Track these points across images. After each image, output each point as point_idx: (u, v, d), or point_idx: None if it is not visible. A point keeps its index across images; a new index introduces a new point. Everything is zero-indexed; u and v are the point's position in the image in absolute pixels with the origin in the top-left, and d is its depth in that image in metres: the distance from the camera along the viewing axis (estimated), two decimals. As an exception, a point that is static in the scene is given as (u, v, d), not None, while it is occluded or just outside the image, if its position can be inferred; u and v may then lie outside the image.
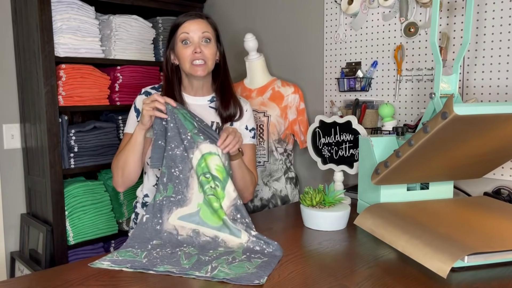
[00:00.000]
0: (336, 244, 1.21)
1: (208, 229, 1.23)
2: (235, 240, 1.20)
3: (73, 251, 2.01)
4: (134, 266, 1.07)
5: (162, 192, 1.27)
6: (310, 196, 1.36)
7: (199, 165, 1.27)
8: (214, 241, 1.21)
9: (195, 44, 1.38)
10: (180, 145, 1.28)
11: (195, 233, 1.23)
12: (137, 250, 1.17)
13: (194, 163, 1.27)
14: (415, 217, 1.19)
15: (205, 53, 1.39)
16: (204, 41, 1.40)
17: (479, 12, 1.49)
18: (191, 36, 1.39)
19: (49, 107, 1.87)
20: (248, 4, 2.27)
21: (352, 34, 1.84)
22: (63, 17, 1.90)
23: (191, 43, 1.39)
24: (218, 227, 1.23)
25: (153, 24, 2.25)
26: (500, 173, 1.48)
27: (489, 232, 1.08)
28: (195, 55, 1.38)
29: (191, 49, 1.38)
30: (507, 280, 0.96)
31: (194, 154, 1.27)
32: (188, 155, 1.27)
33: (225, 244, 1.20)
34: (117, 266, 1.07)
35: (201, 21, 1.42)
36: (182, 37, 1.39)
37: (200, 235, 1.22)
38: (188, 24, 1.40)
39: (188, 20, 1.41)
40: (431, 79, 1.62)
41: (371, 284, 0.95)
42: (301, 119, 1.94)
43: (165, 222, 1.25)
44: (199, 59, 1.38)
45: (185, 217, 1.25)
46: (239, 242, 1.20)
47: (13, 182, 2.11)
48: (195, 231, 1.23)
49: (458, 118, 1.00)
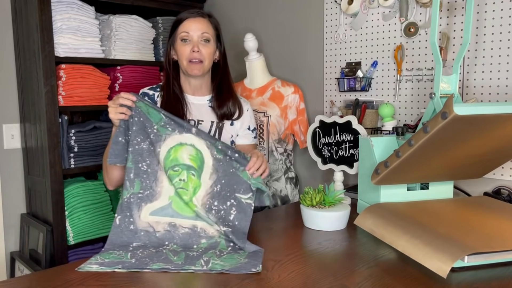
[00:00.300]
0: (336, 244, 1.21)
1: (184, 220, 1.22)
2: (212, 227, 1.21)
3: (73, 251, 2.01)
4: (125, 267, 1.05)
5: (129, 189, 1.24)
6: (310, 196, 1.36)
7: (166, 158, 1.24)
8: (194, 231, 1.21)
9: (193, 43, 1.40)
10: (146, 139, 1.26)
11: (172, 226, 1.21)
12: (120, 251, 1.15)
13: (161, 157, 1.25)
14: (415, 217, 1.19)
15: (203, 53, 1.40)
16: (203, 41, 1.41)
17: (479, 12, 1.49)
18: (191, 35, 1.40)
19: (49, 107, 1.87)
20: (248, 4, 2.27)
21: (352, 34, 1.84)
22: (63, 17, 1.90)
23: (190, 41, 1.41)
24: (194, 216, 1.22)
25: (153, 24, 2.25)
26: (500, 173, 1.48)
27: (489, 232, 1.08)
28: (193, 54, 1.39)
29: (189, 47, 1.40)
30: (507, 280, 0.96)
31: (161, 148, 1.25)
32: (155, 149, 1.25)
33: (205, 233, 1.21)
34: (108, 268, 1.05)
35: (202, 20, 1.43)
36: (182, 35, 1.41)
37: (177, 228, 1.21)
38: (189, 23, 1.41)
39: (189, 18, 1.42)
40: (431, 79, 1.62)
41: (371, 284, 0.95)
42: (301, 119, 1.94)
43: (137, 221, 1.22)
44: (196, 58, 1.40)
45: (157, 211, 1.23)
46: (217, 229, 1.21)
47: (13, 182, 2.11)
48: (171, 224, 1.21)
49: (458, 118, 1.00)
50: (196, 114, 1.45)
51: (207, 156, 1.27)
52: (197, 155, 1.27)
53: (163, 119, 1.27)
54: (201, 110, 1.47)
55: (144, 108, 1.27)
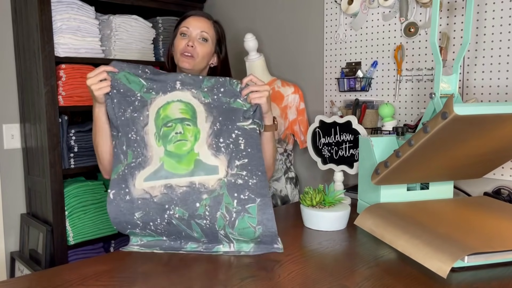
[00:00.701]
0: (336, 244, 1.21)
1: (179, 179, 1.18)
2: (212, 178, 1.17)
3: (73, 251, 2.01)
4: (163, 248, 1.15)
5: (123, 161, 1.20)
6: (310, 196, 1.36)
7: (157, 118, 1.22)
8: (192, 188, 1.16)
9: (190, 38, 1.42)
10: (128, 107, 1.23)
11: (168, 188, 1.17)
12: (139, 231, 1.17)
13: (151, 119, 1.22)
14: (415, 217, 1.19)
15: (197, 50, 1.42)
16: (201, 39, 1.43)
17: (479, 12, 1.49)
18: (190, 30, 1.42)
19: (49, 107, 1.87)
20: (248, 4, 2.27)
21: (352, 34, 1.84)
22: (63, 17, 1.90)
23: (188, 36, 1.43)
24: (189, 172, 1.18)
25: (153, 24, 2.25)
26: (500, 173, 1.48)
27: (489, 232, 1.08)
28: (186, 47, 1.41)
29: (185, 41, 1.42)
30: (507, 280, 0.96)
31: (149, 111, 1.23)
32: (141, 114, 1.22)
33: (205, 188, 1.16)
34: (147, 249, 1.16)
35: (205, 20, 1.45)
36: (182, 30, 1.43)
37: (174, 188, 1.17)
38: (191, 19, 1.44)
39: (193, 15, 1.45)
40: (431, 79, 1.62)
41: (371, 284, 0.95)
42: (301, 119, 1.94)
43: (132, 190, 1.17)
44: (189, 52, 1.41)
45: (150, 176, 1.18)
46: (218, 178, 1.17)
47: (13, 182, 2.11)
48: (167, 186, 1.17)
49: (458, 118, 1.00)
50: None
51: (196, 105, 1.25)
52: (187, 106, 1.24)
53: (144, 86, 1.24)
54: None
55: (123, 79, 1.24)
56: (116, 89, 1.24)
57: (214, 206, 1.14)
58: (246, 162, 1.18)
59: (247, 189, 1.16)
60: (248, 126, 1.23)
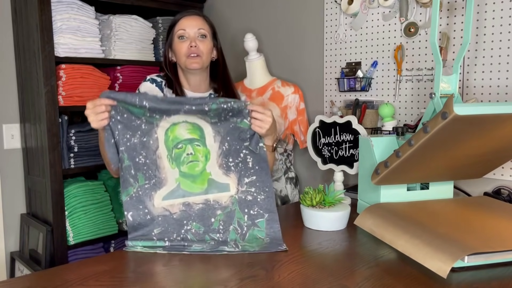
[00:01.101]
0: (336, 244, 1.21)
1: (196, 197, 1.26)
2: (224, 195, 1.27)
3: (73, 251, 2.01)
4: (166, 249, 1.17)
5: (134, 184, 1.24)
6: (310, 196, 1.36)
7: (166, 141, 1.26)
8: (207, 205, 1.25)
9: (191, 39, 1.43)
10: (136, 133, 1.24)
11: (186, 205, 1.25)
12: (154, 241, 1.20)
13: (160, 141, 1.25)
14: (415, 217, 1.19)
15: (200, 48, 1.43)
16: (200, 37, 1.44)
17: (479, 12, 1.49)
18: (188, 32, 1.43)
19: (49, 107, 1.87)
20: (248, 4, 2.26)
21: (352, 34, 1.84)
22: (63, 17, 1.90)
23: (187, 38, 1.43)
24: (204, 191, 1.26)
25: (153, 24, 2.25)
26: (500, 173, 1.48)
27: (489, 232, 1.08)
28: (190, 49, 1.42)
29: (187, 44, 1.43)
30: (507, 280, 0.96)
31: (157, 133, 1.25)
32: (150, 138, 1.25)
33: (219, 205, 1.26)
34: (151, 250, 1.17)
35: (197, 17, 1.47)
36: (179, 33, 1.44)
37: (191, 206, 1.25)
38: (185, 21, 1.45)
39: (184, 16, 1.46)
40: (431, 79, 1.62)
41: (371, 284, 0.95)
42: (301, 119, 1.93)
43: (152, 209, 1.23)
44: (194, 53, 1.42)
45: (168, 195, 1.25)
46: (229, 195, 1.27)
47: (13, 182, 2.11)
48: (185, 203, 1.25)
49: (458, 118, 1.00)
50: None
51: (203, 125, 1.28)
52: (194, 126, 1.27)
53: (146, 111, 1.23)
54: None
55: (124, 105, 1.23)
56: (119, 116, 1.23)
57: (228, 221, 1.24)
58: (255, 179, 1.28)
59: (256, 205, 1.26)
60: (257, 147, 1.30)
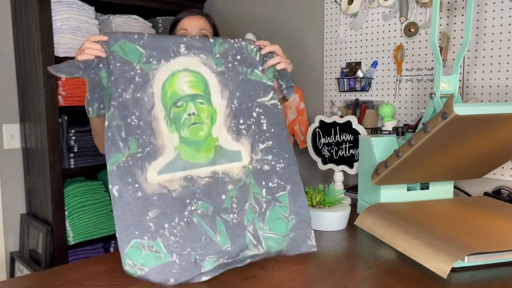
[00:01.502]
0: (336, 244, 1.21)
1: (201, 169, 1.02)
2: (236, 166, 1.04)
3: (73, 251, 2.01)
4: (178, 279, 0.91)
5: (123, 151, 0.97)
6: (310, 196, 1.36)
7: (164, 97, 1.03)
8: (215, 179, 1.02)
9: None
10: (129, 87, 1.02)
11: (188, 180, 1.01)
12: (147, 240, 0.93)
13: (156, 97, 1.02)
14: (415, 217, 1.19)
15: None
16: None
17: (479, 12, 1.49)
18: (189, 32, 1.43)
19: (49, 107, 1.87)
20: (248, 4, 2.27)
21: (352, 34, 1.84)
22: (63, 17, 1.90)
23: None
24: (211, 161, 1.03)
25: (153, 24, 2.25)
26: (500, 173, 1.48)
27: (489, 232, 1.08)
28: None
29: None
30: (507, 280, 0.96)
31: (153, 87, 1.03)
32: (145, 94, 1.02)
33: (229, 177, 1.03)
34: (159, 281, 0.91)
35: (200, 17, 1.46)
36: (180, 32, 1.44)
37: (195, 180, 1.01)
38: (187, 20, 1.45)
39: (187, 16, 1.46)
40: (431, 79, 1.62)
41: (371, 284, 0.95)
42: (301, 119, 1.93)
43: (144, 185, 0.97)
44: None
45: (166, 168, 1.00)
46: (242, 165, 1.04)
47: (13, 182, 2.11)
48: (187, 178, 1.01)
49: (458, 118, 1.00)
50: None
51: (208, 75, 1.08)
52: (197, 77, 1.07)
53: (143, 55, 1.04)
54: None
55: (119, 51, 1.03)
56: (111, 64, 1.03)
57: (242, 197, 1.02)
58: (271, 145, 1.06)
59: (275, 176, 1.04)
60: (269, 102, 1.08)
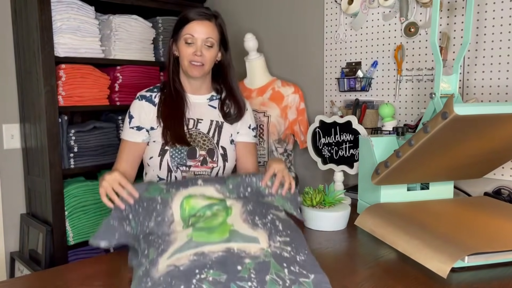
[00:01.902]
0: (336, 244, 1.21)
1: (214, 245, 0.95)
2: (253, 246, 0.95)
3: (73, 251, 2.01)
4: None
5: (144, 263, 0.96)
6: (310, 196, 1.36)
7: (183, 214, 1.07)
8: (231, 253, 0.92)
9: (197, 47, 1.40)
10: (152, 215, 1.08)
11: (199, 255, 0.92)
12: None
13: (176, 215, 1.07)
14: (415, 217, 1.19)
15: (206, 57, 1.41)
16: (206, 46, 1.41)
17: (479, 12, 1.49)
18: (195, 38, 1.40)
19: (49, 107, 1.87)
20: (248, 4, 2.26)
21: (352, 34, 1.84)
22: (63, 17, 1.90)
23: (193, 44, 1.40)
24: (226, 239, 0.96)
25: (153, 24, 2.25)
26: (500, 173, 1.48)
27: (489, 232, 1.08)
28: (195, 56, 1.39)
29: (192, 50, 1.40)
30: (507, 280, 0.96)
31: (172, 208, 1.08)
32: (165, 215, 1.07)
33: (246, 253, 0.93)
34: None
35: (208, 24, 1.42)
36: (186, 37, 1.40)
37: (207, 254, 0.92)
38: (195, 25, 1.40)
39: (196, 20, 1.40)
40: (431, 79, 1.62)
41: (371, 284, 0.95)
42: (301, 119, 1.93)
43: (154, 274, 0.90)
44: (198, 61, 1.40)
45: (176, 251, 0.95)
46: (260, 247, 0.95)
47: (13, 182, 2.11)
48: (197, 253, 0.92)
49: (458, 118, 1.00)
50: (196, 113, 1.46)
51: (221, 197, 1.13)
52: (211, 198, 1.12)
53: (164, 189, 1.13)
54: (201, 109, 1.47)
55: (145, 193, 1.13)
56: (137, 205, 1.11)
57: (262, 270, 0.89)
58: (289, 241, 0.99)
59: (297, 264, 0.93)
60: (283, 216, 1.08)
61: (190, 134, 1.42)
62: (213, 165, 1.43)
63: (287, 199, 1.18)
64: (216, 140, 1.45)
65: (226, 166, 1.45)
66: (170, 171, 1.40)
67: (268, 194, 1.16)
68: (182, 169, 1.40)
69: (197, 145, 1.42)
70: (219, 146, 1.44)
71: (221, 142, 1.45)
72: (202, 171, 1.42)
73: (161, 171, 1.41)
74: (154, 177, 1.44)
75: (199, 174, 1.42)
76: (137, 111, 1.43)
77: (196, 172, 1.41)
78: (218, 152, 1.44)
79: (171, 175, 1.41)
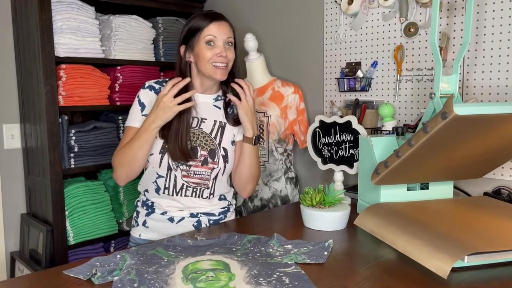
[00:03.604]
0: (336, 244, 1.21)
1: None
2: None
3: (73, 251, 2.01)
4: None
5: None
6: (310, 196, 1.36)
7: (185, 269, 1.05)
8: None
9: (220, 48, 1.39)
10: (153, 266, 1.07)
11: None
12: None
13: (178, 269, 1.05)
14: (415, 217, 1.19)
15: (229, 57, 1.41)
16: (228, 45, 1.42)
17: (479, 12, 1.49)
18: (218, 39, 1.39)
19: (49, 107, 1.87)
20: (248, 4, 2.27)
21: (352, 34, 1.84)
22: (63, 17, 1.90)
23: (216, 45, 1.39)
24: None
25: (153, 24, 2.25)
26: (500, 173, 1.48)
27: (489, 232, 1.08)
28: (219, 58, 1.39)
29: (215, 51, 1.39)
30: (507, 280, 0.96)
31: (176, 265, 1.07)
32: (167, 268, 1.06)
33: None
34: None
35: (226, 24, 1.42)
36: (208, 38, 1.39)
37: None
38: (215, 27, 1.40)
39: (214, 22, 1.40)
40: (431, 79, 1.62)
41: (371, 284, 0.95)
42: (301, 119, 1.94)
43: None
44: (223, 62, 1.39)
45: None
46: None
47: (13, 182, 2.11)
48: None
49: (458, 118, 1.00)
50: (200, 112, 1.46)
51: (229, 261, 1.11)
52: (218, 262, 1.10)
53: (172, 255, 1.14)
54: (206, 108, 1.47)
55: (152, 251, 1.15)
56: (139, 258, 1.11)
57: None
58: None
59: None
60: (292, 270, 1.05)
61: (193, 133, 1.42)
62: (214, 166, 1.43)
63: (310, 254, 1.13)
64: (218, 141, 1.44)
65: (226, 168, 1.45)
66: (170, 169, 1.40)
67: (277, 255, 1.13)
68: (182, 168, 1.40)
69: (199, 144, 1.42)
70: (221, 147, 1.44)
71: (223, 143, 1.45)
72: (202, 171, 1.42)
73: (161, 169, 1.41)
74: (153, 174, 1.44)
75: (199, 174, 1.42)
76: (148, 100, 1.43)
77: (196, 172, 1.41)
78: (219, 153, 1.43)
79: (170, 173, 1.41)
